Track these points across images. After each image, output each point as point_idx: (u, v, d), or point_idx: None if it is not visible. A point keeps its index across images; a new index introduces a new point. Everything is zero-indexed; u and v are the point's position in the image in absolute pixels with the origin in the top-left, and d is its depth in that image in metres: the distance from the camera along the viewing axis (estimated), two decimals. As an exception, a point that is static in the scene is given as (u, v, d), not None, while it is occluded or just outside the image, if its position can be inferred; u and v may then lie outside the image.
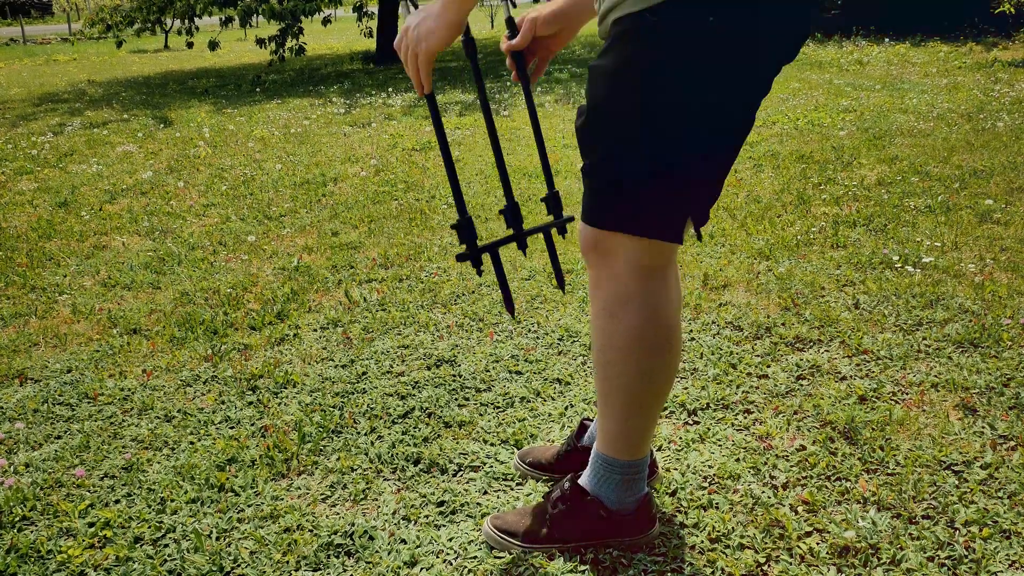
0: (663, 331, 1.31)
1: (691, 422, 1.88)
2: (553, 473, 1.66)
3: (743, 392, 1.99)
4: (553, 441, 1.83)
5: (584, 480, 1.45)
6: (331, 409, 2.03)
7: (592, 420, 1.66)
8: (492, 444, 1.83)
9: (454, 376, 2.16)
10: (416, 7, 1.34)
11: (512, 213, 1.49)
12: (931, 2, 10.76)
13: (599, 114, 1.23)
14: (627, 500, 1.43)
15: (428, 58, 1.28)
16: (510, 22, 1.43)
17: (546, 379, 2.12)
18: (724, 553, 1.44)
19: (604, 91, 1.21)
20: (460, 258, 1.41)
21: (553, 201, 1.56)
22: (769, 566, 1.41)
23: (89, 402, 2.14)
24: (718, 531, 1.49)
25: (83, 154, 5.68)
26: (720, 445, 1.78)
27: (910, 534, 1.46)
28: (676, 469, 1.69)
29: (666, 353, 1.33)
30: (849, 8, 11.64)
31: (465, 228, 1.40)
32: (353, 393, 2.10)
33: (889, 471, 1.64)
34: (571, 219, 1.56)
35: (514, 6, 1.50)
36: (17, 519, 1.66)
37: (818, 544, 1.45)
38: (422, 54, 1.28)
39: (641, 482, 1.44)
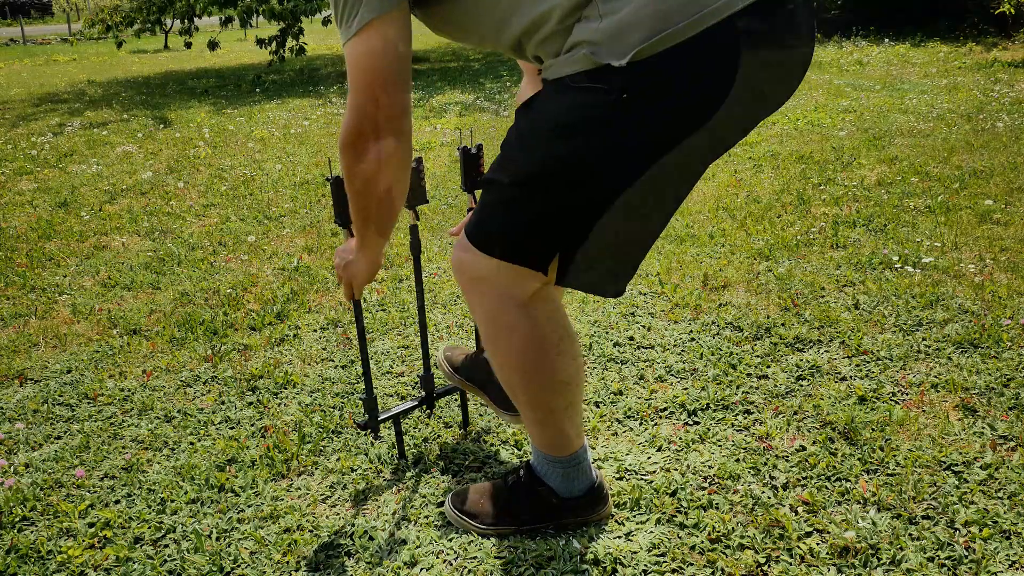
0: (552, 349, 1.37)
1: (691, 422, 1.88)
2: (457, 375, 1.75)
3: (743, 392, 1.99)
4: (460, 347, 1.87)
5: (534, 463, 1.53)
6: (331, 409, 2.03)
7: None
8: (492, 444, 1.83)
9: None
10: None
11: (426, 383, 1.81)
12: (931, 2, 10.77)
13: (508, 144, 1.29)
14: (576, 488, 1.50)
15: (361, 287, 1.55)
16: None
17: (546, 379, 2.11)
18: (724, 553, 1.44)
19: (515, 132, 1.28)
20: (362, 426, 1.71)
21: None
22: (769, 566, 1.41)
23: (89, 402, 2.14)
24: (718, 531, 1.49)
25: (83, 154, 5.68)
26: (720, 445, 1.78)
27: (910, 534, 1.46)
28: (676, 469, 1.69)
29: (560, 365, 1.38)
30: (849, 8, 11.64)
31: (371, 404, 1.70)
32: (353, 393, 2.10)
33: (889, 471, 1.64)
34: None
35: None
36: (17, 519, 1.66)
37: (818, 544, 1.45)
38: (356, 287, 1.55)
39: (586, 470, 1.51)
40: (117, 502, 1.70)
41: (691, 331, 2.34)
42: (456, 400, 2.02)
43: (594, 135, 1.17)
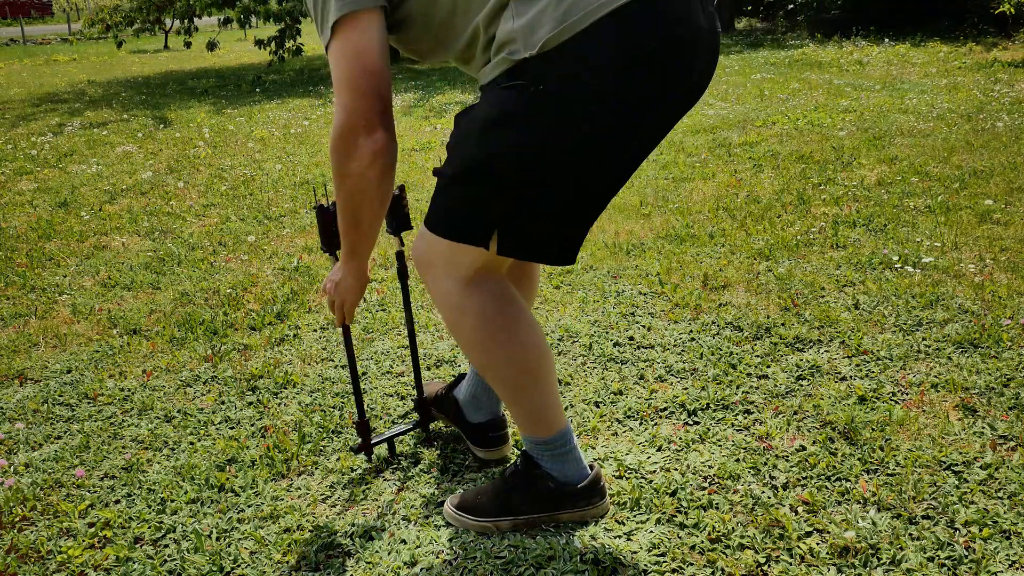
0: (504, 328, 1.43)
1: (691, 422, 1.88)
2: (434, 407, 1.85)
3: (743, 392, 1.99)
4: (441, 381, 1.85)
5: (527, 450, 1.56)
6: (331, 409, 2.03)
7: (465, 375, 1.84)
8: (492, 444, 1.83)
9: (454, 376, 2.16)
10: None
11: (421, 406, 1.84)
12: (931, 2, 10.76)
13: (450, 144, 1.39)
14: (570, 474, 1.52)
15: (352, 308, 1.58)
16: None
17: (546, 379, 2.11)
18: (724, 553, 1.44)
19: (455, 132, 1.39)
20: (355, 450, 1.74)
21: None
22: (769, 566, 1.41)
23: (89, 402, 2.14)
24: (718, 531, 1.49)
25: (83, 154, 5.68)
26: (720, 445, 1.78)
27: (910, 534, 1.46)
28: (676, 469, 1.69)
29: (516, 344, 1.44)
30: (849, 8, 11.64)
31: (364, 428, 1.73)
32: (353, 393, 2.10)
33: (889, 471, 1.64)
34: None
35: None
36: (17, 519, 1.66)
37: (818, 544, 1.45)
38: (348, 308, 1.58)
39: (576, 456, 1.54)
40: (117, 502, 1.70)
41: (691, 331, 2.34)
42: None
43: (517, 126, 1.27)
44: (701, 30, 1.28)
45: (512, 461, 1.58)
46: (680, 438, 1.81)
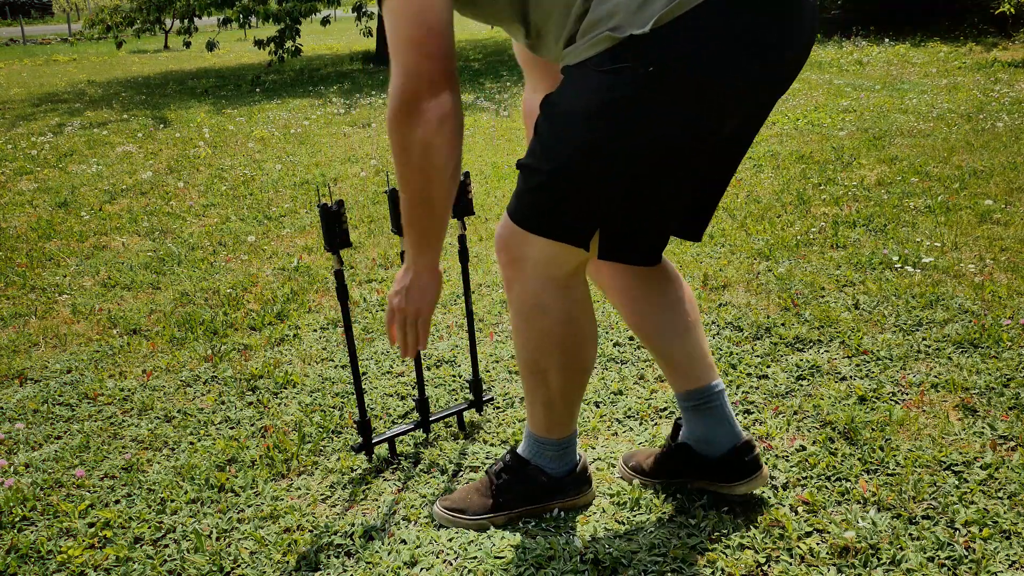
0: (584, 332, 1.39)
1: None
2: (654, 478, 1.62)
3: (743, 392, 1.99)
4: (646, 448, 1.77)
5: (522, 451, 1.55)
6: (331, 409, 2.03)
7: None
8: (492, 444, 1.83)
9: (454, 376, 2.16)
10: None
11: (422, 406, 1.82)
12: (931, 2, 10.76)
13: (540, 133, 1.28)
14: (563, 468, 1.53)
15: (429, 319, 1.38)
16: None
17: (546, 379, 2.11)
18: (724, 553, 1.44)
19: (545, 121, 1.26)
20: (356, 449, 1.73)
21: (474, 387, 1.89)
22: (769, 566, 1.41)
23: (89, 402, 2.14)
24: (718, 531, 1.49)
25: (83, 154, 5.68)
26: (720, 445, 1.77)
27: (910, 534, 1.46)
28: (676, 469, 1.69)
29: (583, 350, 1.41)
30: (849, 8, 11.64)
31: (364, 427, 1.72)
32: (353, 393, 2.10)
33: (889, 471, 1.64)
34: (488, 401, 1.93)
35: None
36: (17, 519, 1.66)
37: (818, 544, 1.45)
38: (424, 320, 1.37)
39: (573, 452, 1.54)
40: (117, 502, 1.70)
41: (691, 331, 2.34)
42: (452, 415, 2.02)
43: (626, 114, 1.16)
44: (805, 6, 1.20)
45: (499, 456, 1.59)
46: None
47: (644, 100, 1.15)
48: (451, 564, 1.46)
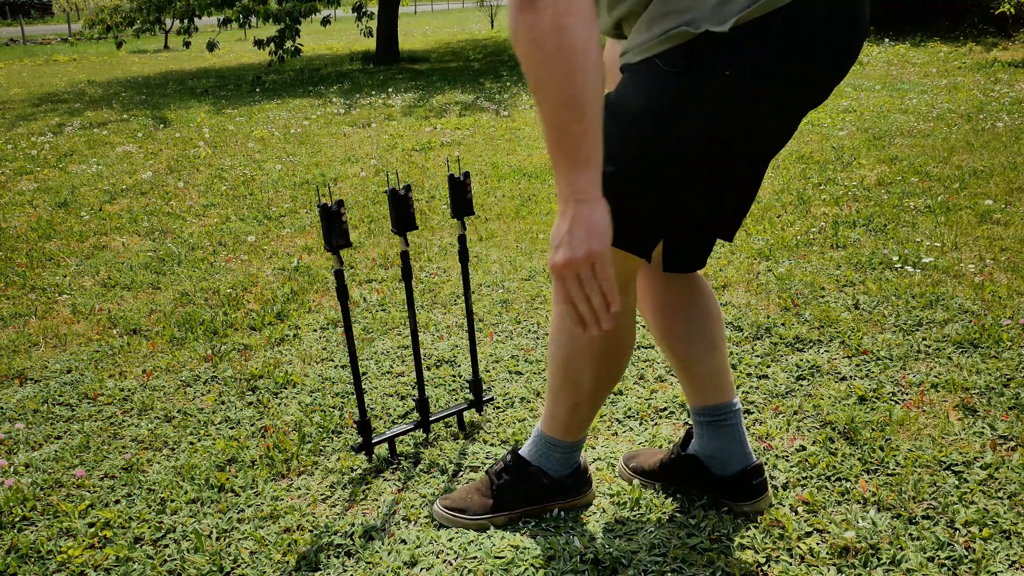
0: (625, 340, 1.38)
1: (691, 422, 1.87)
2: (655, 480, 1.63)
3: (743, 392, 1.99)
4: (648, 448, 1.79)
5: (525, 451, 1.55)
6: (331, 409, 2.03)
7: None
8: (492, 444, 1.83)
9: (454, 376, 2.16)
10: None
11: (422, 406, 1.82)
12: (931, 2, 10.76)
13: (607, 133, 1.15)
14: (565, 469, 1.54)
15: (607, 265, 1.05)
16: None
17: (546, 379, 2.11)
18: (724, 553, 1.44)
19: (611, 121, 1.15)
20: (356, 449, 1.73)
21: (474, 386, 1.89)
22: (769, 566, 1.41)
23: (89, 402, 2.14)
24: (718, 531, 1.49)
25: (83, 154, 5.68)
26: (720, 445, 1.77)
27: (910, 534, 1.46)
28: (676, 469, 1.69)
29: (622, 358, 1.41)
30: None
31: (364, 427, 1.72)
32: (353, 393, 2.10)
33: (889, 471, 1.64)
34: (488, 401, 1.94)
35: None
36: (17, 519, 1.66)
37: (818, 544, 1.45)
38: (602, 266, 1.05)
39: (578, 454, 1.54)
40: (117, 502, 1.70)
41: (691, 331, 2.34)
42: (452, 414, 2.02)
43: (697, 118, 1.11)
44: (863, 16, 1.16)
45: (500, 456, 1.60)
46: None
47: (718, 102, 1.10)
48: (451, 564, 1.46)
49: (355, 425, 1.78)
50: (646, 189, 1.18)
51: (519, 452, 1.56)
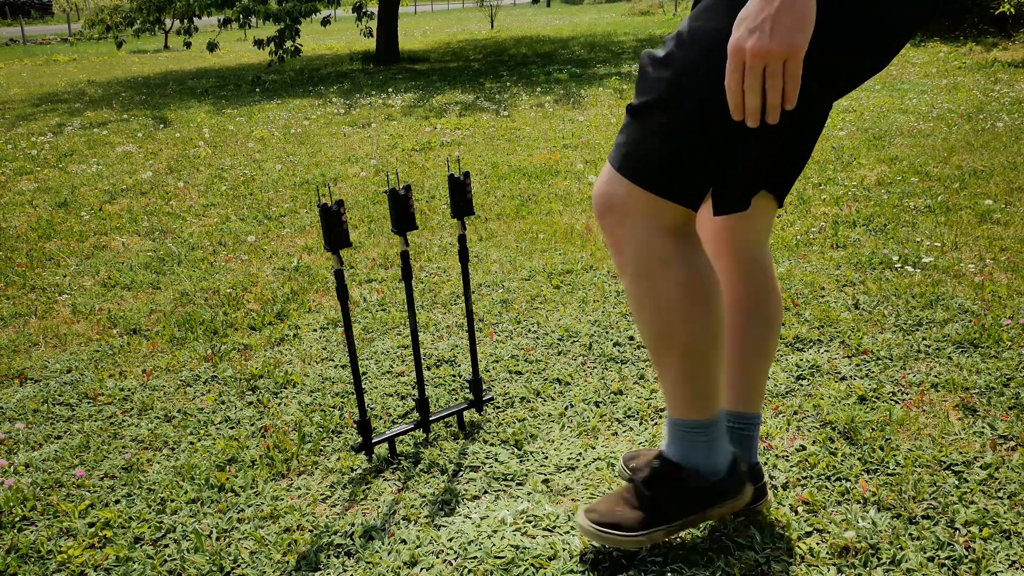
0: (708, 282, 1.25)
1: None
2: (423, 409, 1.69)
3: (743, 392, 1.99)
4: (649, 448, 1.79)
5: (671, 453, 1.38)
6: (331, 409, 2.03)
7: None
8: (492, 444, 1.83)
9: (454, 376, 2.16)
10: None
11: (421, 407, 1.81)
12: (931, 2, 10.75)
13: (662, 61, 1.13)
14: (720, 463, 1.36)
15: (800, 64, 0.98)
16: None
17: (546, 379, 2.12)
18: (724, 553, 1.44)
19: (679, 46, 1.12)
20: (356, 449, 1.72)
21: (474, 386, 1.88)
22: (769, 566, 1.41)
23: (89, 402, 2.14)
24: (718, 531, 1.49)
25: (83, 154, 5.68)
26: (720, 445, 1.77)
27: (910, 534, 1.46)
28: (676, 469, 1.69)
29: (713, 302, 1.26)
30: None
31: (364, 427, 1.71)
32: (353, 393, 2.10)
33: (889, 471, 1.64)
34: (488, 401, 1.92)
35: None
36: (17, 519, 1.66)
37: (818, 544, 1.45)
38: (793, 62, 0.98)
39: (725, 441, 1.37)
40: (117, 502, 1.70)
41: (691, 331, 2.34)
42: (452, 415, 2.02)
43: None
44: None
45: (647, 463, 1.41)
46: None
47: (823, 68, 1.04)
48: (451, 564, 1.46)
49: (355, 425, 1.78)
50: (709, 130, 1.11)
51: (666, 455, 1.38)
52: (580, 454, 1.76)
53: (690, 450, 1.36)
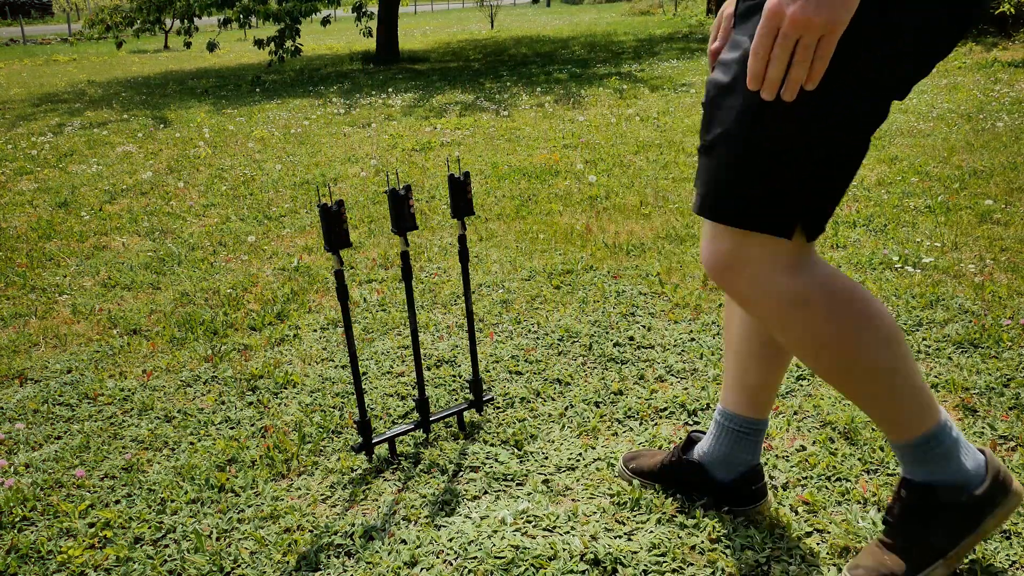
0: (854, 297, 1.15)
1: (691, 422, 1.88)
2: (655, 482, 1.60)
3: (743, 392, 1.99)
4: (648, 449, 1.79)
5: (917, 476, 1.25)
6: (331, 409, 2.03)
7: (701, 432, 1.58)
8: (492, 444, 1.83)
9: (454, 376, 2.16)
10: None
11: (422, 407, 1.82)
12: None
13: (734, 89, 1.07)
14: (969, 468, 1.23)
15: (834, 43, 0.93)
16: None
17: (546, 379, 2.12)
18: (724, 553, 1.44)
19: (736, 66, 1.06)
20: (356, 449, 1.72)
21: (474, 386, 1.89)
22: (769, 566, 1.41)
23: (89, 402, 2.14)
24: (718, 531, 1.49)
25: (83, 154, 5.68)
26: (720, 445, 1.77)
27: (910, 534, 1.46)
28: (676, 469, 1.69)
29: (872, 314, 1.16)
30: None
31: (365, 427, 1.72)
32: (353, 393, 2.10)
33: (889, 471, 1.64)
34: (488, 401, 1.92)
35: None
36: (17, 519, 1.66)
37: (818, 544, 1.45)
38: (828, 39, 0.92)
39: (963, 441, 1.24)
40: (117, 502, 1.70)
41: (691, 331, 2.34)
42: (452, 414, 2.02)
43: (866, 63, 0.99)
44: None
45: (895, 499, 1.28)
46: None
47: (888, 47, 0.99)
48: (451, 564, 1.46)
49: (355, 425, 1.78)
50: (799, 164, 1.06)
51: (913, 480, 1.25)
52: (580, 454, 1.76)
53: (935, 467, 1.23)
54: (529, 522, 1.55)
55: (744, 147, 1.06)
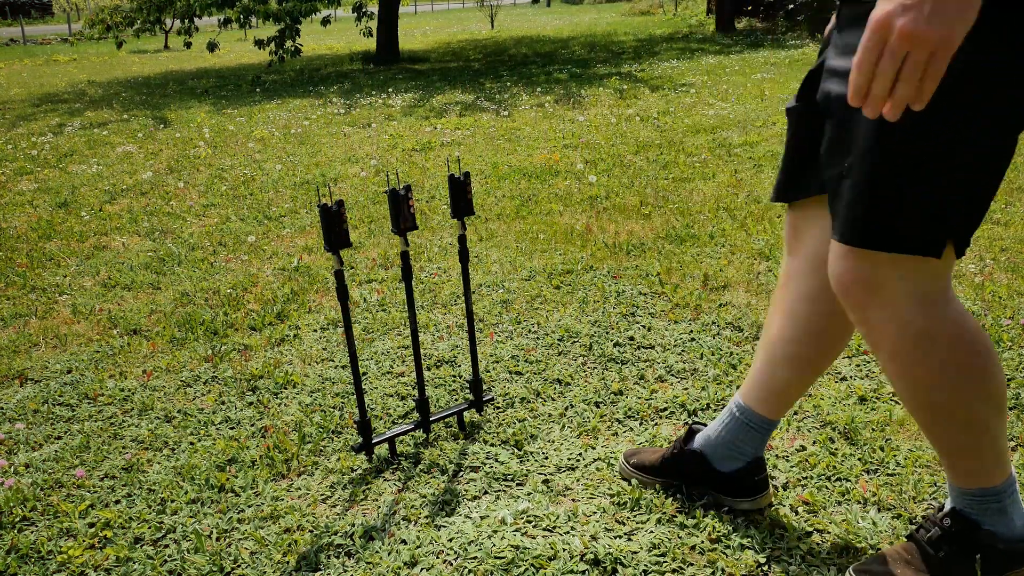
0: (979, 348, 1.13)
1: (691, 422, 1.87)
2: (656, 476, 1.61)
3: (743, 392, 1.99)
4: (649, 446, 1.80)
5: (962, 507, 1.26)
6: (331, 410, 2.03)
7: (702, 424, 1.58)
8: (492, 444, 1.83)
9: (454, 376, 2.16)
10: None
11: (422, 407, 1.82)
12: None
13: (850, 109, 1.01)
14: (1017, 526, 1.23)
15: (947, 60, 0.84)
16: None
17: (546, 379, 2.12)
18: (724, 553, 1.44)
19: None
20: (356, 449, 1.72)
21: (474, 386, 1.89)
22: (769, 566, 1.41)
23: (89, 402, 2.14)
24: (718, 531, 1.49)
25: (83, 154, 5.68)
26: (720, 445, 1.77)
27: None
28: (676, 469, 1.69)
29: (988, 369, 1.14)
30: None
31: (365, 427, 1.72)
32: (353, 393, 2.10)
33: (889, 471, 1.64)
34: (488, 401, 1.92)
35: None
36: (17, 519, 1.66)
37: (818, 544, 1.45)
38: (942, 55, 0.83)
39: (1019, 501, 1.25)
40: (117, 502, 1.70)
41: (691, 331, 2.34)
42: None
43: (1011, 75, 0.95)
44: None
45: (936, 521, 1.28)
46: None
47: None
48: (451, 564, 1.46)
49: (355, 425, 1.78)
50: (943, 178, 1.00)
51: (962, 513, 1.25)
52: (580, 454, 1.76)
53: (985, 515, 1.24)
54: (529, 522, 1.55)
55: (886, 163, 1.00)
